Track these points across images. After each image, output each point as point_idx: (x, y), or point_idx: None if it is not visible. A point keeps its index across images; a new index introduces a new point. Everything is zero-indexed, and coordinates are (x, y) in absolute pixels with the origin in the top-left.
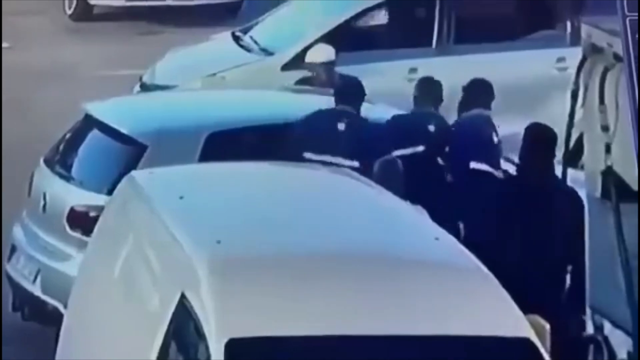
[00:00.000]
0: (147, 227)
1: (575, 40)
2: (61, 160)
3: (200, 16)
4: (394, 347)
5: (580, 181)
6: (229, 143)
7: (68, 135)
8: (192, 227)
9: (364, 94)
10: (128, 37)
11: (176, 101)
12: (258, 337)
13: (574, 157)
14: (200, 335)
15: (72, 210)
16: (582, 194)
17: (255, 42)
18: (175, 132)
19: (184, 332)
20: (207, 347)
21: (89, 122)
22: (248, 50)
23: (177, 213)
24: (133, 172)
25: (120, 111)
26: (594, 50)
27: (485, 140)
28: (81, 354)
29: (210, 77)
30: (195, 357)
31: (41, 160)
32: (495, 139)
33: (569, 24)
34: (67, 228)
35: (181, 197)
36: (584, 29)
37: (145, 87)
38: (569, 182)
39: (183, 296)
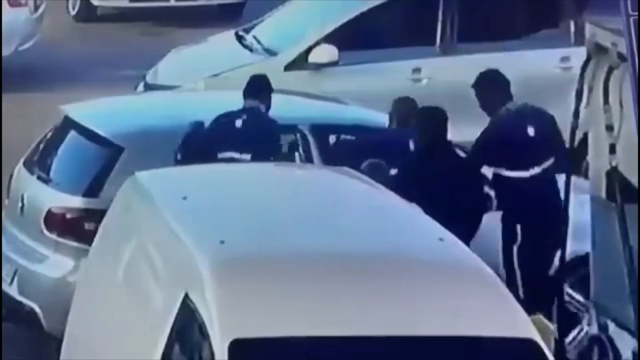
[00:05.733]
0: (150, 228)
1: (579, 39)
2: (40, 162)
3: (203, 17)
4: (397, 348)
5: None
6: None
7: (47, 137)
8: (195, 227)
9: (271, 90)
10: (131, 38)
11: (153, 103)
12: (262, 338)
13: (578, 157)
14: (204, 336)
15: (49, 212)
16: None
17: (259, 42)
18: (152, 134)
19: (187, 333)
20: (210, 348)
21: (68, 124)
22: (251, 50)
23: (181, 213)
24: (136, 173)
25: (98, 113)
26: (598, 49)
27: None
28: (85, 355)
29: (213, 77)
30: (199, 358)
31: (20, 162)
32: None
33: (572, 24)
34: (44, 229)
35: (184, 198)
36: (588, 29)
37: (148, 87)
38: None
39: (187, 296)
